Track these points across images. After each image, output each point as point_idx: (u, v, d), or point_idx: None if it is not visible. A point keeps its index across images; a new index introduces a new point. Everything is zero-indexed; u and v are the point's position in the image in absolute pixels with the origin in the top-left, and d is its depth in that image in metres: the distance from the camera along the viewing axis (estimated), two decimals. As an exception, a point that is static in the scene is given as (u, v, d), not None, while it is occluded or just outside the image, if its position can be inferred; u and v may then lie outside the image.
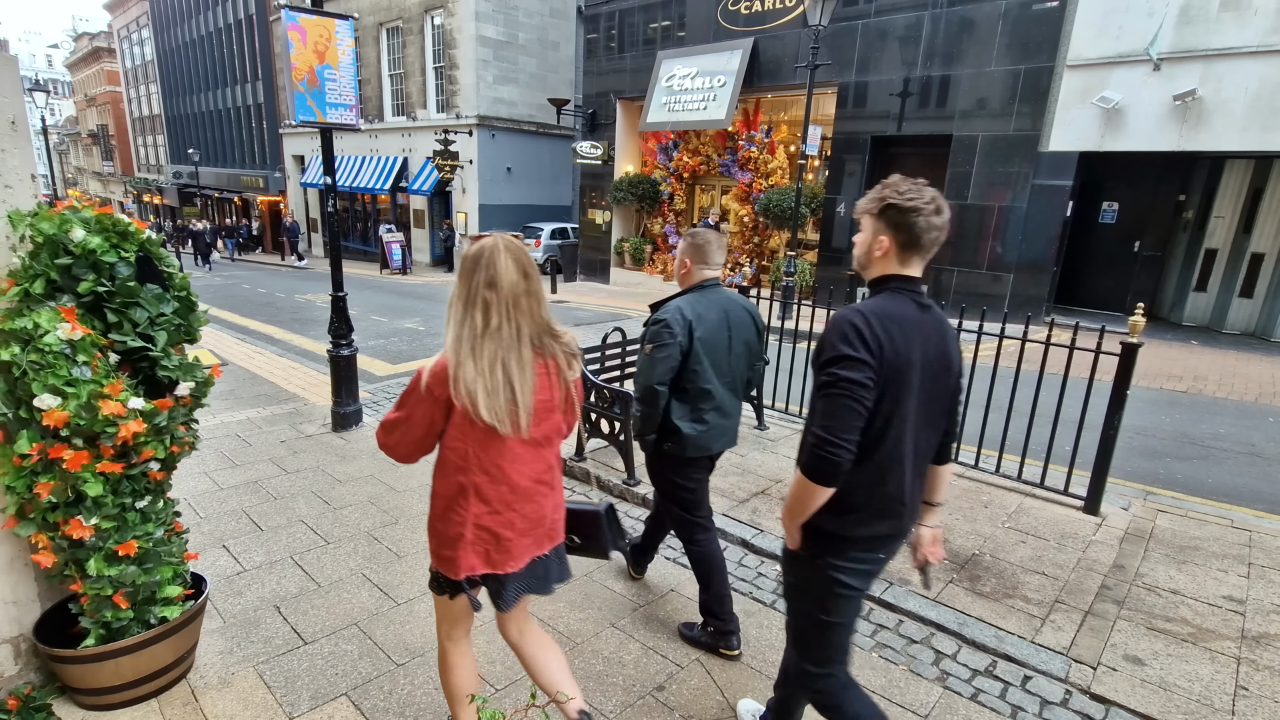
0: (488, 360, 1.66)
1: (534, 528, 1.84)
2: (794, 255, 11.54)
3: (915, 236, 1.64)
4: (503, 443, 1.72)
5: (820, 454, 1.56)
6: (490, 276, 1.67)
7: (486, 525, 1.76)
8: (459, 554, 1.77)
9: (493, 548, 1.78)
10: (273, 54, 26.12)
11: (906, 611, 3.01)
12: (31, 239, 2.06)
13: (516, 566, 1.82)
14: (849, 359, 1.55)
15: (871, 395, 1.57)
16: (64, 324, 1.99)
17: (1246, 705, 2.47)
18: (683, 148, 15.45)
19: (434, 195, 21.11)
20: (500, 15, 19.34)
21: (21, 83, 2.36)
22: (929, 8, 11.04)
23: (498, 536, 1.78)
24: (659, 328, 2.51)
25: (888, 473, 1.67)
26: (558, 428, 1.85)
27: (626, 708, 2.44)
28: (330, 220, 5.28)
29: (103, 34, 43.71)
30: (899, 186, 1.65)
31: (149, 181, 39.71)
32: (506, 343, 1.68)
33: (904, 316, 1.64)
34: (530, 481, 1.80)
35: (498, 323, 1.67)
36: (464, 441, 1.72)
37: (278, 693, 2.47)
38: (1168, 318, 11.50)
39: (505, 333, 1.68)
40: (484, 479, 1.74)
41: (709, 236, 2.60)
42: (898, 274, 1.71)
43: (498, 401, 1.67)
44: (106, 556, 2.16)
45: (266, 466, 4.57)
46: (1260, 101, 8.61)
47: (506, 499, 1.77)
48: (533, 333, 1.73)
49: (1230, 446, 5.56)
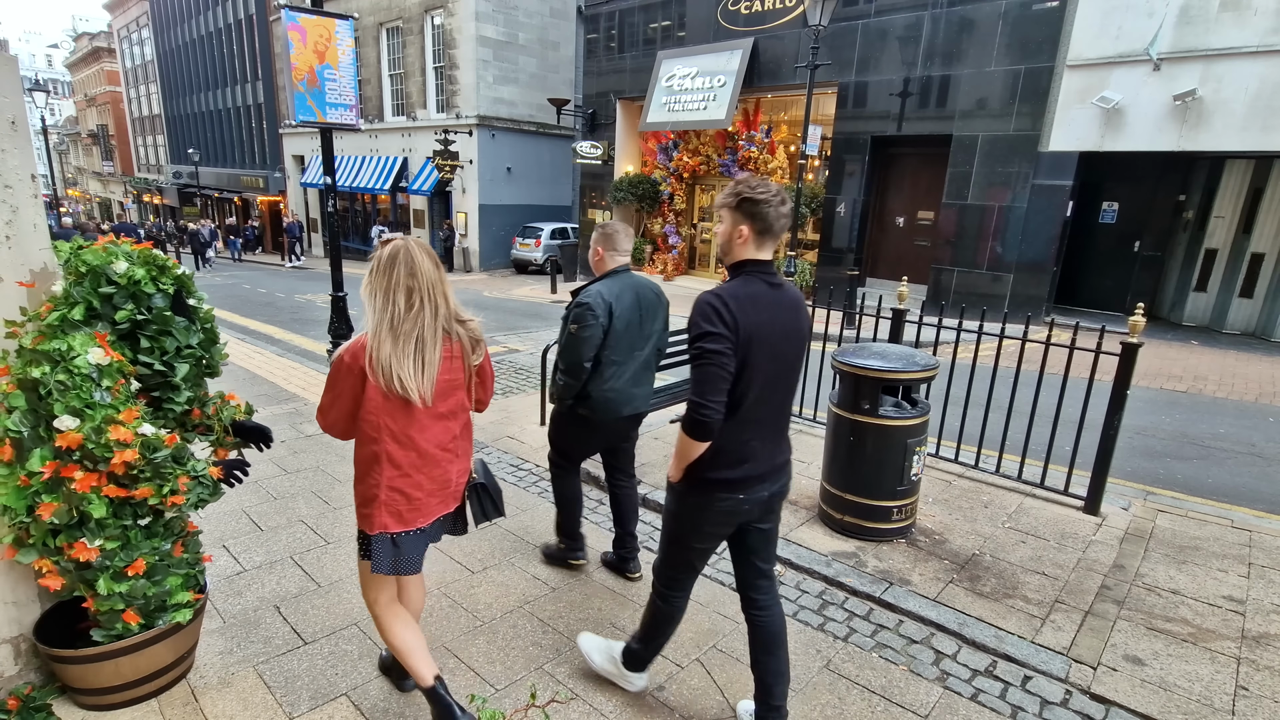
0: (404, 338, 1.90)
1: (440, 489, 2.11)
2: (794, 255, 11.54)
3: (769, 224, 1.93)
4: (411, 414, 1.97)
5: (695, 415, 1.88)
6: (410, 268, 1.92)
7: (398, 487, 2.01)
8: (374, 512, 2.03)
9: (404, 507, 2.04)
10: (273, 54, 26.13)
11: (906, 611, 3.01)
12: (76, 268, 2.16)
13: (425, 523, 2.09)
14: (712, 334, 1.85)
15: (733, 362, 1.87)
16: (96, 349, 2.07)
17: (1246, 705, 2.47)
18: (683, 148, 15.45)
19: (434, 195, 21.11)
20: (500, 15, 19.34)
21: (21, 83, 2.37)
22: (929, 8, 11.04)
23: (408, 496, 2.03)
24: (582, 309, 2.83)
25: (748, 426, 1.99)
26: (462, 403, 2.10)
27: (626, 707, 2.44)
28: (330, 220, 5.28)
29: (103, 34, 43.72)
30: (750, 183, 1.95)
31: (149, 181, 39.72)
32: (426, 323, 1.93)
33: (756, 295, 1.93)
34: (436, 449, 2.05)
35: (419, 306, 1.92)
36: (377, 414, 1.96)
37: (278, 693, 2.47)
38: (1168, 318, 11.50)
39: (426, 314, 1.93)
40: (394, 446, 1.99)
41: (617, 227, 3.00)
42: (753, 259, 1.98)
43: (409, 375, 1.90)
44: (114, 575, 2.16)
45: (266, 466, 4.57)
46: (1260, 101, 8.61)
47: (415, 463, 2.02)
48: (444, 317, 1.97)
49: (1230, 446, 5.56)
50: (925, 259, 11.92)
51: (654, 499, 4.04)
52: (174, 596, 2.31)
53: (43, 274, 2.28)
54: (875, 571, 3.28)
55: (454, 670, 2.61)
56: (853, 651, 2.79)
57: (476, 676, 2.58)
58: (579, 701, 2.46)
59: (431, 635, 2.82)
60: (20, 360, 2.07)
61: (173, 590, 2.30)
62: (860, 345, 3.76)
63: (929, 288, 11.57)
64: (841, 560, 3.38)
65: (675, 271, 15.97)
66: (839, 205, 12.63)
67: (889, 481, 3.47)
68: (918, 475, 3.54)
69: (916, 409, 3.48)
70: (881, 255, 13.10)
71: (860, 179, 12.28)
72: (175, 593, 2.31)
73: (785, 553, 3.46)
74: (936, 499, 4.08)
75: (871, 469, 3.49)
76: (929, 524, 3.75)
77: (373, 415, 1.96)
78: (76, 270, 2.16)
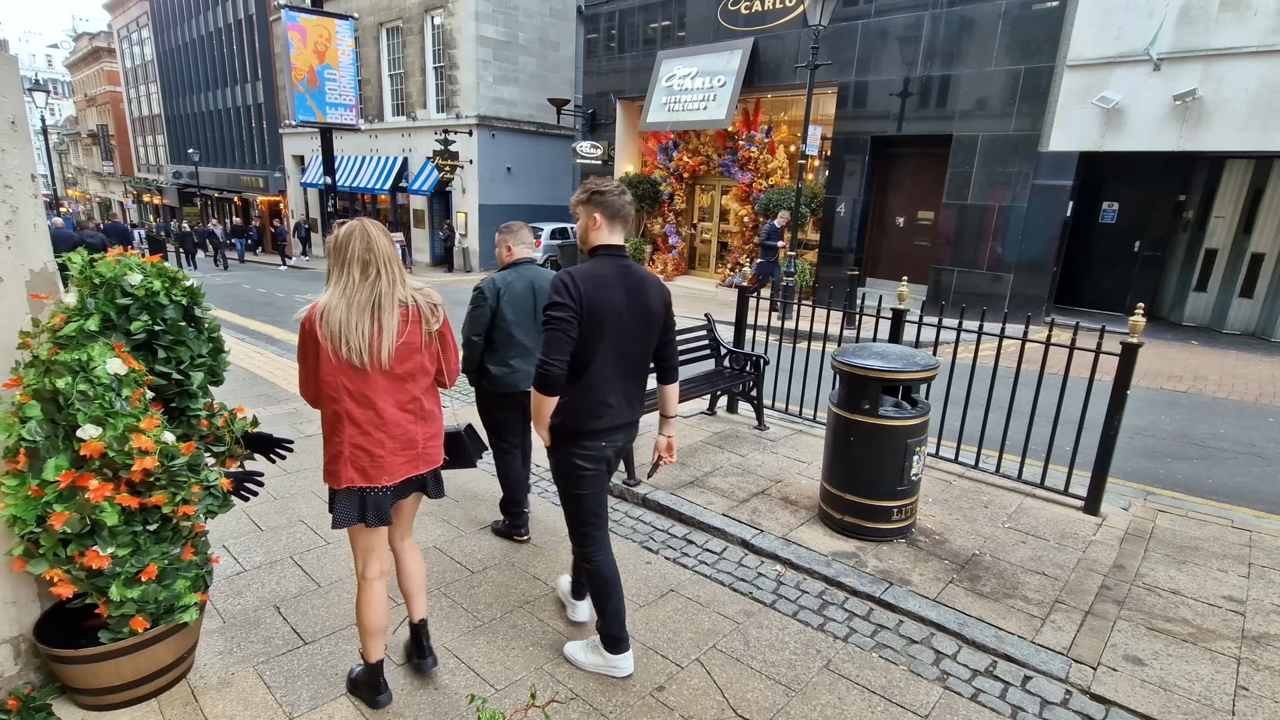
0: (358, 307, 2.04)
1: (405, 448, 2.20)
2: (794, 255, 11.54)
3: (616, 211, 2.34)
4: (367, 376, 2.10)
5: (540, 370, 2.23)
6: (366, 243, 2.07)
7: (360, 444, 2.13)
8: (340, 468, 2.15)
9: (368, 464, 2.14)
10: (273, 54, 26.12)
11: (906, 611, 3.01)
12: (90, 280, 2.19)
13: (391, 481, 2.19)
14: (558, 304, 2.20)
15: (575, 329, 2.20)
16: (115, 359, 2.10)
17: (1246, 705, 2.47)
18: (683, 148, 15.45)
19: (434, 195, 21.11)
20: (500, 15, 19.33)
21: (21, 83, 2.37)
22: (929, 8, 11.04)
23: (370, 454, 2.14)
24: (476, 294, 3.32)
25: (597, 384, 2.32)
26: (421, 365, 2.21)
27: (626, 707, 2.44)
28: (330, 220, 5.28)
29: (103, 34, 43.70)
30: (595, 180, 2.39)
31: (149, 181, 39.71)
32: (384, 291, 2.07)
33: (603, 274, 2.28)
34: (395, 409, 2.16)
35: (375, 274, 2.06)
36: (334, 374, 2.08)
37: (278, 693, 2.47)
38: (1168, 318, 11.50)
39: (383, 283, 2.07)
40: (353, 405, 2.11)
41: (516, 226, 3.45)
42: (605, 244, 2.36)
43: (361, 339, 2.04)
44: (126, 581, 2.17)
45: (266, 466, 4.57)
46: (1260, 101, 8.61)
47: (374, 422, 2.13)
48: (400, 285, 2.12)
49: (1230, 446, 5.56)
50: (925, 259, 11.92)
51: (654, 499, 4.04)
52: (182, 599, 2.32)
53: (42, 274, 2.28)
54: (875, 571, 3.28)
55: (454, 670, 2.61)
56: (853, 651, 2.79)
57: (476, 676, 2.58)
58: (579, 701, 2.46)
59: (432, 635, 2.82)
60: (35, 371, 2.09)
61: (181, 593, 2.32)
62: (860, 345, 3.76)
63: (929, 288, 11.56)
64: (841, 560, 3.38)
65: (675, 271, 15.96)
66: (839, 205, 12.63)
67: (889, 481, 3.47)
68: (918, 475, 3.54)
69: (916, 409, 3.48)
70: (881, 255, 13.10)
71: (860, 179, 12.27)
72: (184, 595, 2.33)
73: (785, 553, 3.46)
74: (936, 499, 4.08)
75: (871, 469, 3.49)
76: (929, 524, 3.75)
77: (330, 376, 2.09)
78: (91, 282, 2.19)
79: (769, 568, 3.42)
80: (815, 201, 12.83)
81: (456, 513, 3.97)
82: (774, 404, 5.76)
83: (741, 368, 5.34)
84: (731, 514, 3.86)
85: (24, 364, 2.15)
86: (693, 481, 4.29)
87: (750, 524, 3.75)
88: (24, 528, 2.05)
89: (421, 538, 3.65)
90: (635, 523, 3.89)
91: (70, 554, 2.08)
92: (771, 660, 2.72)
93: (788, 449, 4.92)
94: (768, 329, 5.47)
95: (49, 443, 2.06)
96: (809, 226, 13.52)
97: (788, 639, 2.86)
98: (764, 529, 3.70)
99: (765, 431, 5.28)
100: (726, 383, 5.21)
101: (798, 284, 11.68)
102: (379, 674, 2.38)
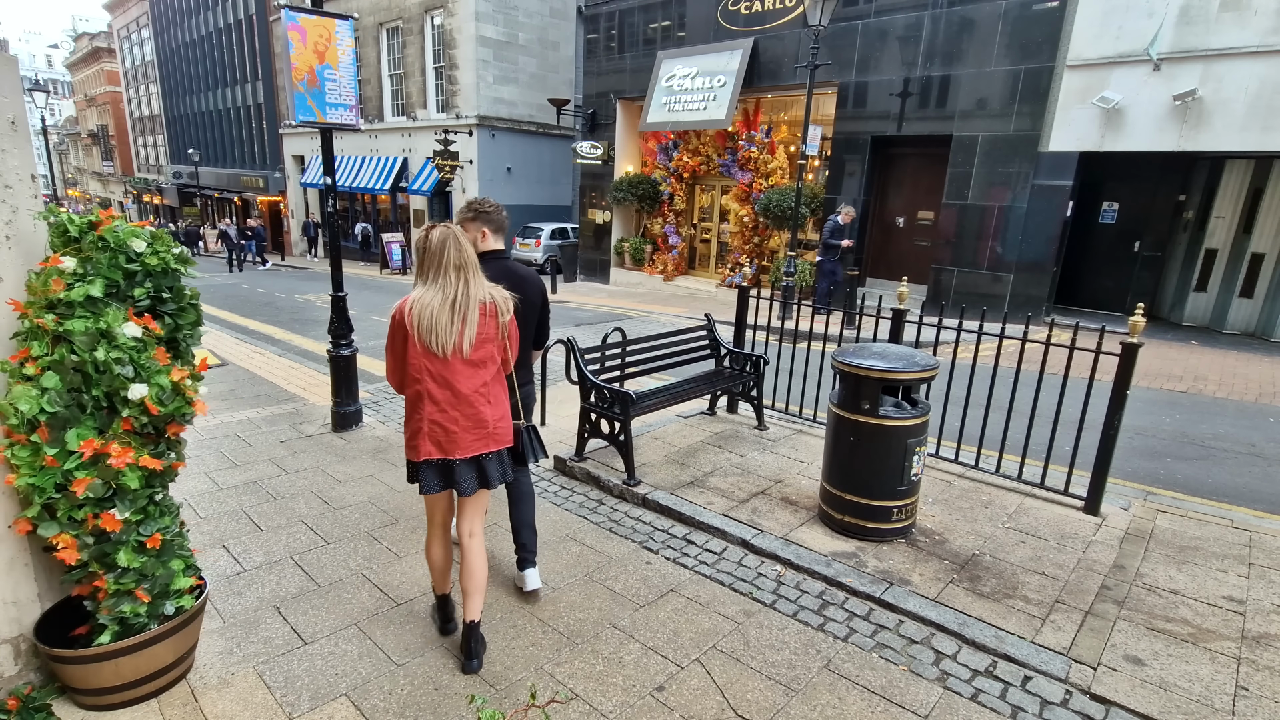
0: (450, 302, 2.38)
1: (476, 427, 2.49)
2: (794, 255, 11.54)
3: (499, 225, 3.01)
4: (448, 362, 2.42)
5: None
6: (458, 248, 2.42)
7: (437, 420, 2.44)
8: (419, 442, 2.46)
9: (443, 439, 2.45)
10: (273, 54, 26.11)
11: (906, 612, 3.01)
12: (94, 244, 2.21)
13: (464, 454, 2.48)
14: None
15: None
16: (128, 323, 2.17)
17: (1246, 705, 2.47)
18: (683, 148, 15.44)
19: (434, 195, 21.09)
20: (500, 15, 19.33)
21: (21, 83, 2.37)
22: (929, 8, 11.03)
23: (446, 429, 2.44)
24: None
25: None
26: (491, 355, 2.53)
27: (626, 708, 2.44)
28: (330, 220, 5.28)
29: (103, 34, 43.71)
30: (475, 200, 3.04)
31: (149, 181, 39.72)
32: (472, 291, 2.42)
33: (493, 276, 2.66)
34: (470, 391, 2.46)
35: (463, 277, 2.42)
36: (419, 359, 2.41)
37: (278, 693, 2.47)
38: (1168, 318, 11.49)
39: (473, 284, 2.43)
40: (434, 386, 2.42)
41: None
42: (491, 250, 2.97)
43: (447, 331, 2.37)
44: (135, 547, 2.23)
45: (266, 466, 4.57)
46: (1260, 101, 8.61)
47: (451, 401, 2.43)
48: (480, 285, 2.46)
49: (1230, 446, 5.56)
50: (925, 259, 11.91)
51: (654, 499, 4.04)
52: (176, 581, 2.36)
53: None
54: (875, 571, 3.28)
55: (454, 670, 2.61)
56: (853, 652, 2.79)
57: (476, 676, 2.58)
58: (579, 701, 2.46)
59: (432, 635, 2.82)
60: (41, 343, 2.10)
61: (176, 573, 2.36)
62: (860, 345, 3.76)
63: (929, 288, 11.56)
64: (841, 560, 3.38)
65: (675, 272, 15.96)
66: (839, 206, 12.62)
67: (889, 481, 3.47)
68: (918, 475, 3.54)
69: (916, 409, 3.48)
70: (881, 255, 13.09)
71: (860, 179, 12.27)
72: (178, 577, 2.36)
73: (785, 553, 3.46)
74: (936, 499, 4.08)
75: (871, 469, 3.49)
76: (929, 524, 3.75)
77: (416, 360, 2.42)
78: (94, 247, 2.20)
79: (769, 568, 3.42)
80: (815, 202, 12.83)
81: (456, 513, 3.97)
82: (774, 404, 5.76)
83: (741, 368, 5.34)
84: (731, 514, 3.86)
85: (22, 334, 2.15)
86: (693, 481, 4.29)
87: (750, 524, 3.75)
88: (42, 495, 2.09)
89: (422, 537, 3.65)
90: (635, 523, 3.89)
91: (83, 517, 2.13)
92: (771, 660, 2.72)
93: (788, 449, 4.92)
94: (768, 329, 5.47)
95: (70, 412, 2.10)
96: (809, 227, 13.51)
97: (788, 639, 2.86)
98: (764, 529, 3.70)
99: (765, 431, 5.28)
100: (726, 383, 5.22)
101: (798, 284, 11.68)
102: (447, 604, 2.83)
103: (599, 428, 4.42)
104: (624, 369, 4.78)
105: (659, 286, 15.68)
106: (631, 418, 4.23)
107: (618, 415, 4.22)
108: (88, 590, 2.26)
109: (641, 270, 16.45)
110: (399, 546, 3.57)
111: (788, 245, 11.51)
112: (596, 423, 4.43)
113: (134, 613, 2.26)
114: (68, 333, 2.08)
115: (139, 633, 2.29)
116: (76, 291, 2.12)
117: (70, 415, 2.10)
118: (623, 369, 4.78)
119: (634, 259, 16.62)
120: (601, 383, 4.33)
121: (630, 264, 16.74)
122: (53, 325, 2.08)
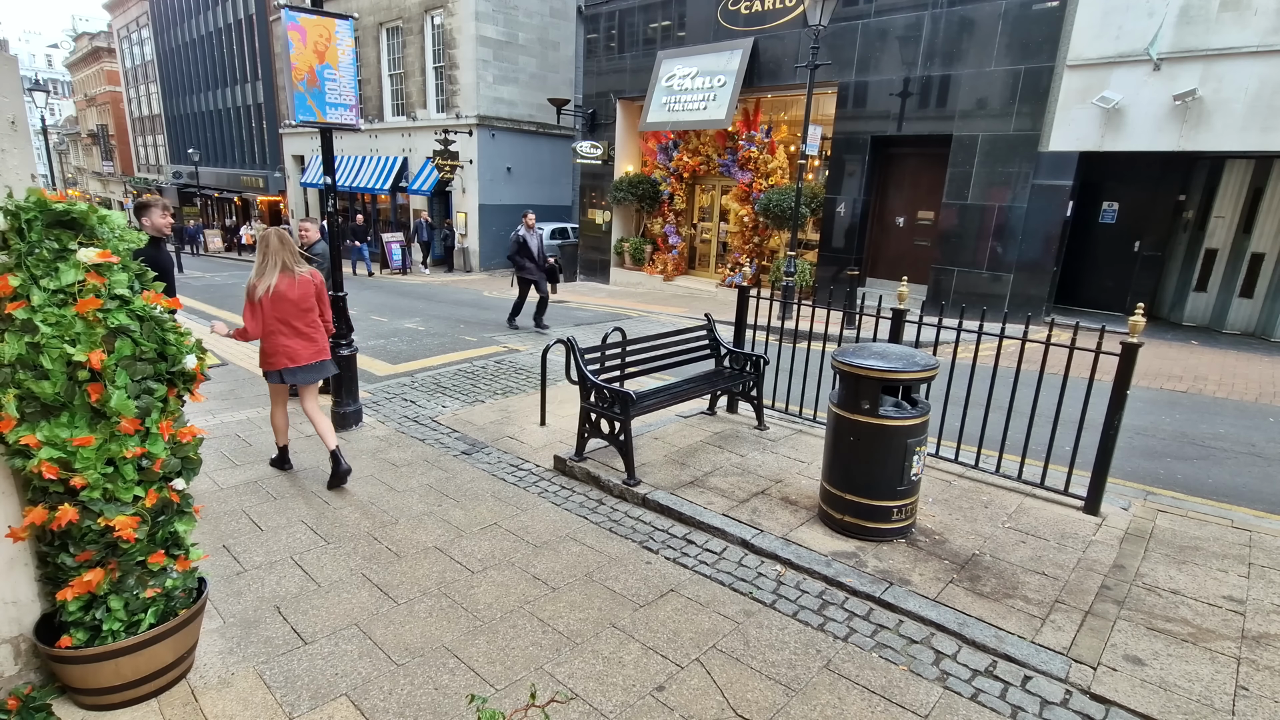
0: (273, 277, 4.01)
1: (308, 346, 4.21)
2: (794, 255, 11.53)
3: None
4: (286, 311, 4.08)
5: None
6: (281, 240, 4.13)
7: (284, 347, 4.12)
8: (276, 360, 4.13)
9: (288, 359, 4.14)
10: (273, 54, 26.11)
11: (906, 612, 3.01)
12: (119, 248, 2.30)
13: (304, 363, 4.19)
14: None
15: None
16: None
17: (1246, 705, 2.47)
18: (683, 148, 15.44)
19: (434, 195, 21.10)
20: (500, 15, 19.33)
21: (21, 83, 2.37)
22: (929, 8, 11.03)
23: (292, 351, 4.14)
24: None
25: None
26: (311, 306, 4.21)
27: (626, 708, 2.44)
28: (330, 220, 5.28)
29: (103, 34, 43.69)
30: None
31: (149, 181, 39.68)
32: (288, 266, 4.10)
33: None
34: (302, 326, 4.17)
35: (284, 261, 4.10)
36: (269, 309, 4.04)
37: (278, 693, 2.47)
38: (1168, 318, 11.49)
39: (289, 263, 4.11)
40: (281, 326, 4.10)
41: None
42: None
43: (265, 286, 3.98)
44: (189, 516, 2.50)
45: (266, 466, 4.58)
46: (1260, 101, 8.60)
47: (291, 333, 4.13)
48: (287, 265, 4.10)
49: (1230, 446, 5.56)
50: (925, 259, 11.91)
51: (654, 499, 4.04)
52: (182, 538, 2.48)
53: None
54: (875, 571, 3.28)
55: (454, 670, 2.61)
56: (853, 651, 2.79)
57: (476, 676, 2.58)
58: (579, 701, 2.46)
59: (432, 635, 2.82)
60: (86, 337, 2.13)
61: (181, 533, 2.46)
62: (860, 345, 3.76)
63: (929, 288, 11.56)
64: (841, 560, 3.38)
65: (675, 271, 15.95)
66: (839, 205, 12.62)
67: (889, 481, 3.47)
68: (918, 475, 3.54)
69: (916, 409, 3.48)
70: (881, 255, 13.09)
71: (860, 179, 12.26)
72: (183, 535, 2.48)
73: (785, 553, 3.46)
74: (936, 499, 4.08)
75: (872, 469, 3.49)
76: (929, 524, 3.75)
77: (268, 313, 4.04)
78: (117, 250, 2.28)
79: (769, 568, 3.42)
80: (815, 201, 12.82)
81: (457, 513, 3.97)
82: (774, 404, 5.76)
83: (741, 368, 5.34)
84: (731, 514, 3.86)
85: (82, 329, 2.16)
86: (693, 481, 4.29)
87: (750, 524, 3.75)
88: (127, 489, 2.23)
89: (422, 538, 3.66)
90: (635, 523, 3.89)
91: (144, 494, 2.28)
92: (771, 660, 2.72)
93: (788, 449, 4.92)
94: (768, 329, 5.47)
95: (144, 400, 2.25)
96: (809, 226, 13.51)
97: (788, 639, 2.86)
98: (764, 529, 3.70)
99: (765, 431, 5.28)
100: (726, 383, 5.22)
101: (798, 284, 11.67)
102: (286, 453, 4.55)
103: (599, 428, 4.42)
104: (624, 369, 4.79)
105: (659, 286, 15.68)
106: (631, 417, 4.23)
107: (618, 415, 4.22)
108: (76, 593, 2.22)
109: (641, 270, 16.44)
110: (399, 546, 3.57)
111: (788, 245, 11.50)
112: (596, 423, 4.43)
113: (158, 569, 2.37)
114: (122, 328, 2.20)
115: (147, 609, 2.35)
116: (117, 278, 2.21)
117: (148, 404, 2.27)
118: (623, 369, 4.78)
119: (634, 259, 16.61)
120: (601, 383, 4.33)
121: (630, 264, 16.74)
122: (119, 318, 2.18)
